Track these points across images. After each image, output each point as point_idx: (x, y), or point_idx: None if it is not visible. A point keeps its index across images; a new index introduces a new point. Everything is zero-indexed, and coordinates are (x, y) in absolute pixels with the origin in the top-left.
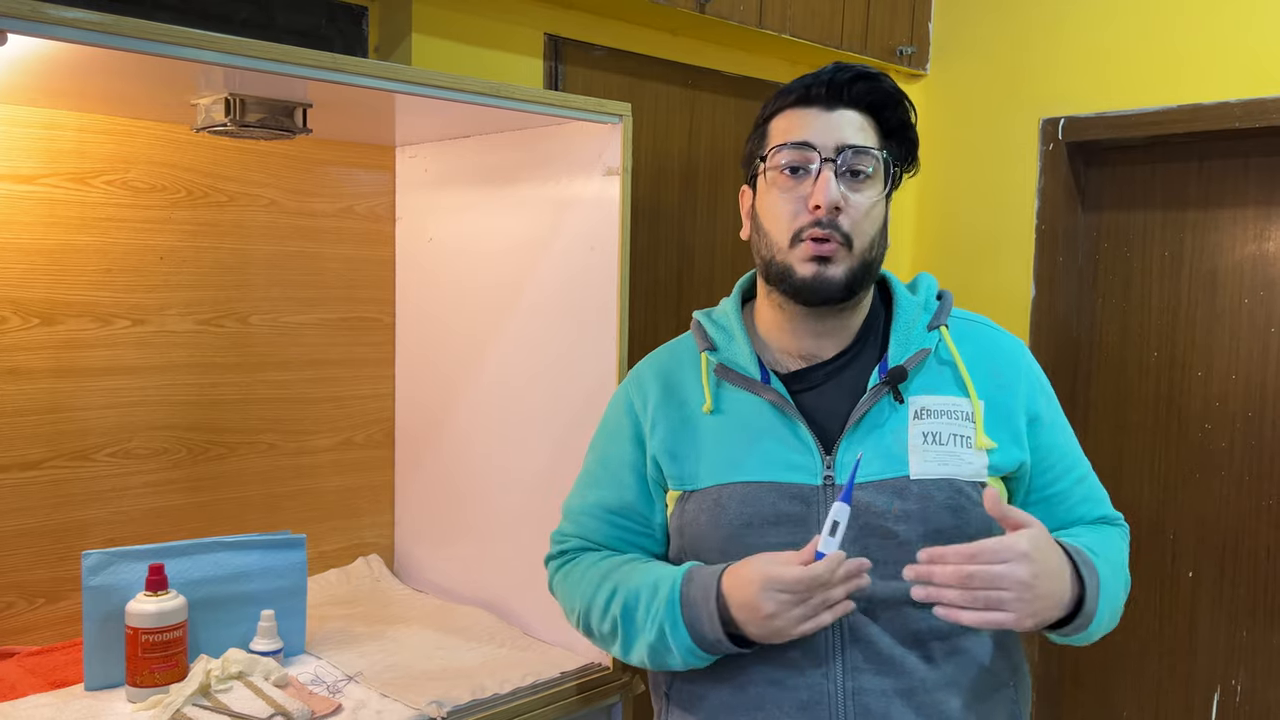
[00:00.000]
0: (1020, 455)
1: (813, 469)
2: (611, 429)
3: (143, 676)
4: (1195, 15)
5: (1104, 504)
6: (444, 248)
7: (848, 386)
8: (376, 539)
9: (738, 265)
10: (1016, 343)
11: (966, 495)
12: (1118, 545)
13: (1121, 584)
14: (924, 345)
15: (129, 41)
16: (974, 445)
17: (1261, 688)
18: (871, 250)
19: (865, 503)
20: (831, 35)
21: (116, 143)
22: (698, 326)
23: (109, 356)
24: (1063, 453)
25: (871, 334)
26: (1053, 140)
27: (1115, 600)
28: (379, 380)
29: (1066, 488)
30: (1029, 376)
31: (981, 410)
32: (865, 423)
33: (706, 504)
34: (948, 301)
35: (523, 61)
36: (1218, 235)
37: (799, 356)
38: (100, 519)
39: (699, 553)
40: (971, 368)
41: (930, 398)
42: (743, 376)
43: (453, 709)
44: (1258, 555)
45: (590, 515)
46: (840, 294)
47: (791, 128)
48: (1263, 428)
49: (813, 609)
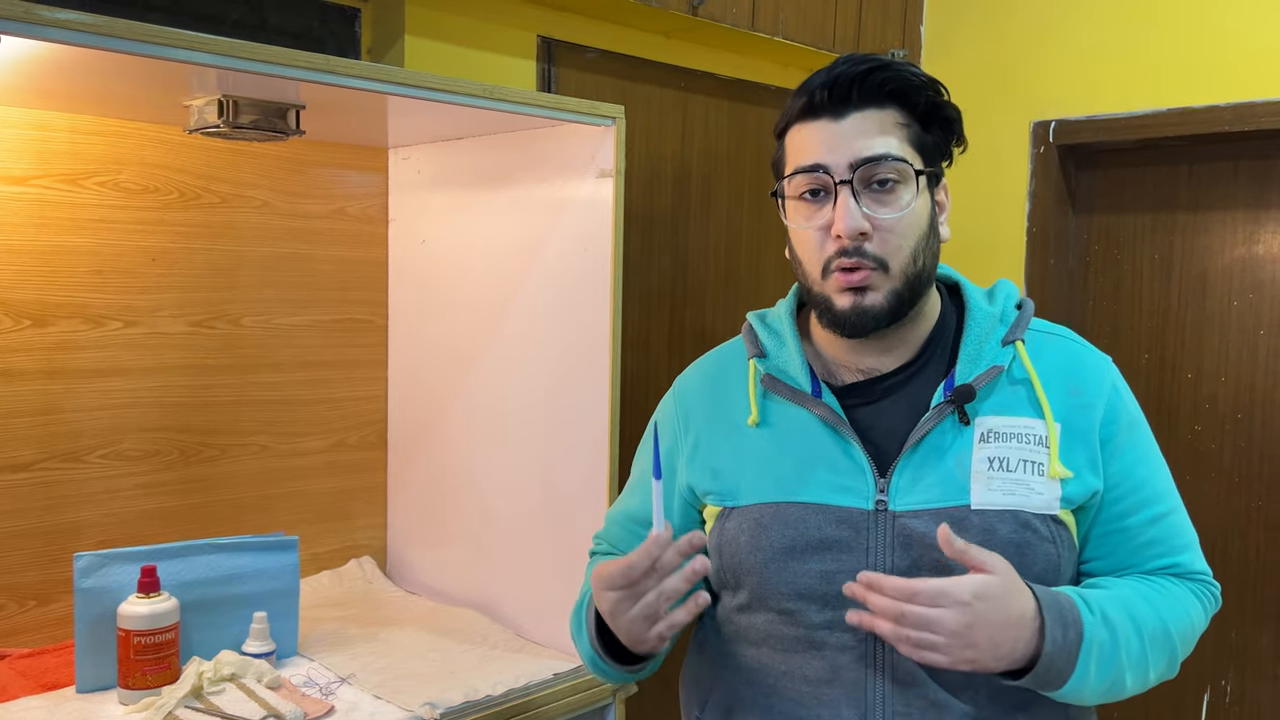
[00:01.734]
0: (1095, 483)
1: (864, 492)
2: (651, 438)
3: (135, 679)
4: (1185, 19)
5: (1180, 553)
6: (436, 250)
7: (909, 404)
8: (369, 541)
9: (731, 270)
10: (1102, 359)
11: (1034, 530)
12: (1174, 603)
13: (1162, 647)
14: (996, 362)
15: (121, 43)
16: (1047, 473)
17: (1251, 688)
18: (916, 262)
19: (919, 534)
20: (824, 38)
21: (108, 144)
22: (749, 330)
23: (101, 358)
24: (1138, 485)
25: (939, 346)
26: (1044, 143)
27: (1142, 663)
28: (372, 382)
29: (1136, 525)
30: (1110, 396)
31: (1058, 434)
32: (925, 444)
33: (748, 524)
34: (1027, 312)
35: (515, 64)
36: (1207, 238)
37: (857, 370)
38: (92, 521)
39: (739, 575)
40: (1048, 386)
41: (1000, 419)
42: (791, 388)
43: (446, 710)
44: (1247, 556)
45: (618, 524)
46: (885, 321)
47: (803, 147)
48: (1252, 429)
49: (649, 606)
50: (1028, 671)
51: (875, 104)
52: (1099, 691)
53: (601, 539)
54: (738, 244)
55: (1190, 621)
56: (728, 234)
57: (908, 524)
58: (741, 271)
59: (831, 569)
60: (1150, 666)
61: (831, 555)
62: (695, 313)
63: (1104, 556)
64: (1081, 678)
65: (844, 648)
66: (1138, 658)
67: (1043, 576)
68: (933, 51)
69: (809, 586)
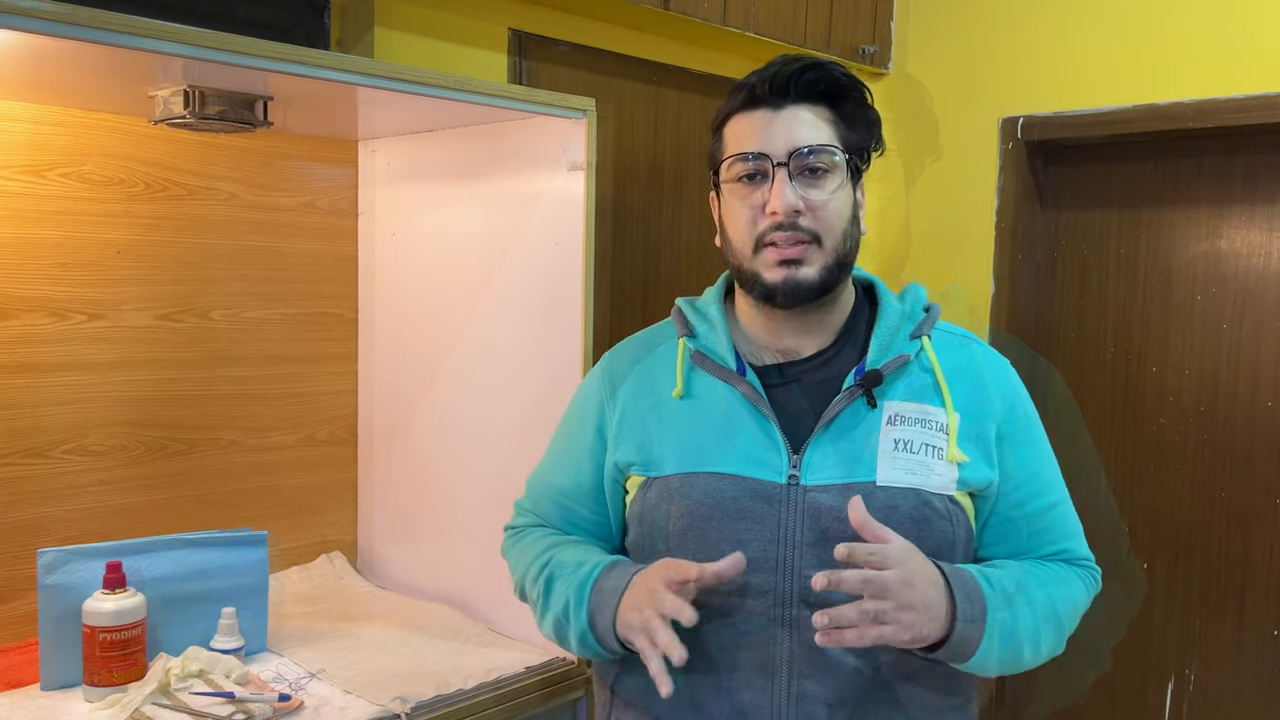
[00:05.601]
0: (990, 474)
1: (779, 467)
2: (577, 413)
3: (100, 676)
4: (1152, 17)
5: (1069, 540)
6: (407, 243)
7: (823, 386)
8: (340, 536)
9: (703, 265)
10: (1000, 361)
11: (932, 508)
12: (1062, 585)
13: (1051, 623)
14: (904, 351)
15: (85, 31)
16: (946, 457)
17: (1215, 677)
18: (844, 244)
19: (827, 506)
20: (794, 33)
21: (72, 135)
22: (678, 312)
23: (65, 352)
24: (1030, 477)
25: (853, 336)
26: (1012, 139)
27: (1035, 638)
28: (341, 376)
29: (1029, 514)
30: (1007, 395)
31: (957, 423)
32: (836, 424)
33: (668, 492)
34: (934, 313)
35: (487, 57)
36: (1171, 234)
37: (777, 351)
38: (56, 517)
39: (654, 541)
40: (951, 380)
41: (905, 404)
42: (718, 365)
43: (416, 705)
44: (1210, 547)
45: (545, 496)
46: (815, 293)
47: (742, 135)
48: (1215, 422)
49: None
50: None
51: (809, 100)
52: (1000, 662)
53: (526, 510)
54: (710, 239)
55: (1074, 601)
56: (700, 229)
57: (817, 498)
58: (713, 266)
59: (744, 538)
60: (1043, 641)
61: (745, 525)
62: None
63: (1000, 542)
64: (987, 649)
65: (754, 613)
66: (1032, 632)
67: (937, 551)
68: (903, 47)
69: (722, 554)
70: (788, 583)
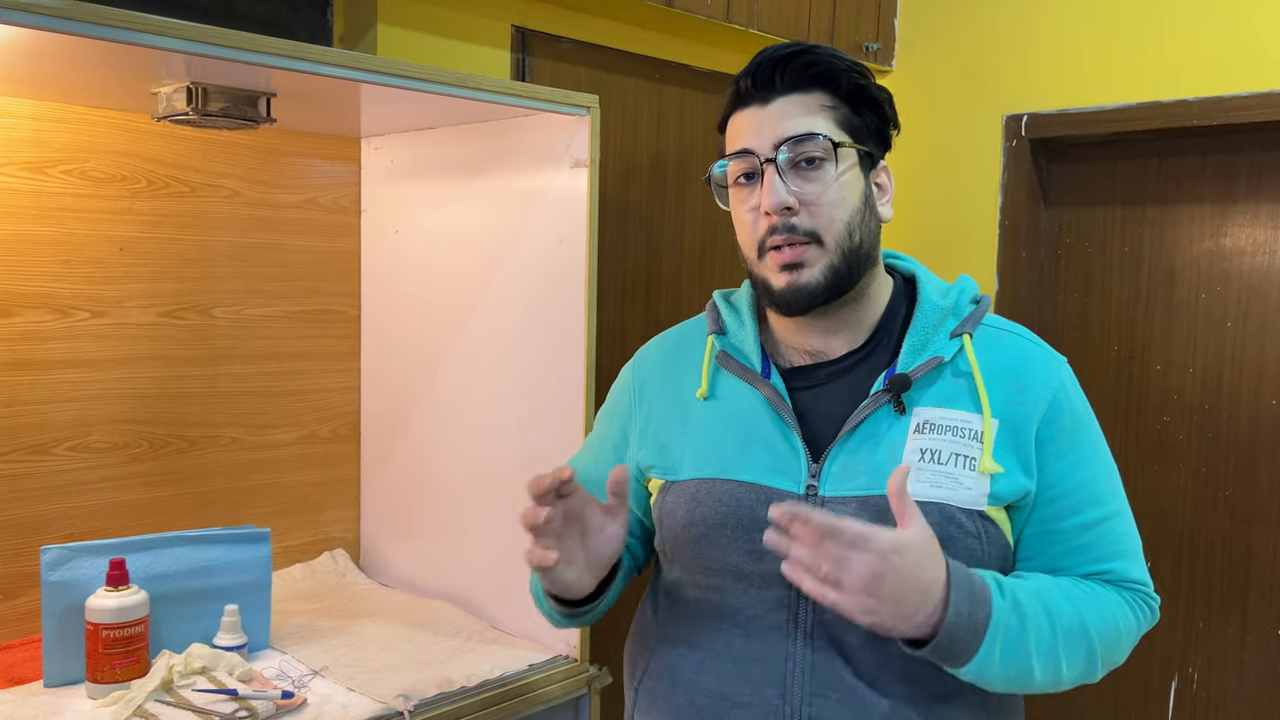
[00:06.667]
0: (1027, 483)
1: (797, 476)
2: (609, 406)
3: (103, 673)
4: (1156, 14)
5: (1118, 559)
6: (409, 240)
7: (850, 390)
8: (342, 534)
9: (705, 262)
10: (1054, 358)
11: (959, 525)
12: (1100, 606)
13: (1079, 645)
14: (939, 353)
15: (87, 27)
16: (978, 468)
17: (1218, 676)
18: (853, 238)
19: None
20: (798, 30)
21: (75, 131)
22: (712, 307)
23: (67, 349)
24: (1074, 487)
25: (887, 334)
26: (1016, 136)
27: (1052, 656)
28: (344, 373)
29: (1070, 528)
30: (1052, 395)
31: (994, 431)
32: (860, 432)
33: (684, 498)
34: (982, 308)
35: (489, 53)
36: (1175, 231)
37: (805, 353)
38: (59, 514)
39: (675, 548)
40: (990, 382)
41: (937, 410)
42: (743, 367)
43: (419, 702)
44: (1214, 546)
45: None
46: (821, 297)
47: (735, 134)
48: (1219, 420)
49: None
50: (930, 641)
51: (800, 88)
52: (1004, 677)
53: None
54: (712, 236)
55: (1115, 625)
56: (702, 226)
57: (834, 510)
58: (716, 263)
59: (759, 549)
60: (1063, 662)
61: (760, 536)
62: (670, 304)
63: (1034, 557)
64: (986, 658)
65: (769, 628)
66: (1048, 650)
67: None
68: (906, 45)
69: (736, 564)
70: (803, 597)
